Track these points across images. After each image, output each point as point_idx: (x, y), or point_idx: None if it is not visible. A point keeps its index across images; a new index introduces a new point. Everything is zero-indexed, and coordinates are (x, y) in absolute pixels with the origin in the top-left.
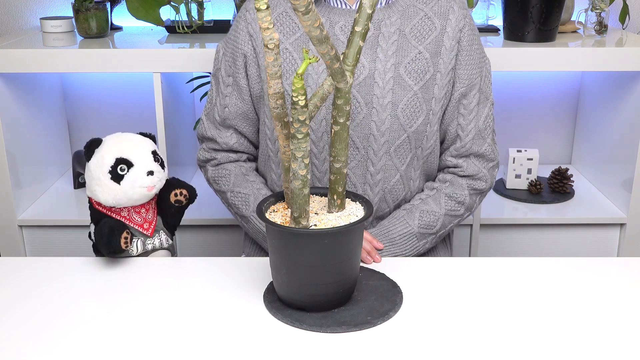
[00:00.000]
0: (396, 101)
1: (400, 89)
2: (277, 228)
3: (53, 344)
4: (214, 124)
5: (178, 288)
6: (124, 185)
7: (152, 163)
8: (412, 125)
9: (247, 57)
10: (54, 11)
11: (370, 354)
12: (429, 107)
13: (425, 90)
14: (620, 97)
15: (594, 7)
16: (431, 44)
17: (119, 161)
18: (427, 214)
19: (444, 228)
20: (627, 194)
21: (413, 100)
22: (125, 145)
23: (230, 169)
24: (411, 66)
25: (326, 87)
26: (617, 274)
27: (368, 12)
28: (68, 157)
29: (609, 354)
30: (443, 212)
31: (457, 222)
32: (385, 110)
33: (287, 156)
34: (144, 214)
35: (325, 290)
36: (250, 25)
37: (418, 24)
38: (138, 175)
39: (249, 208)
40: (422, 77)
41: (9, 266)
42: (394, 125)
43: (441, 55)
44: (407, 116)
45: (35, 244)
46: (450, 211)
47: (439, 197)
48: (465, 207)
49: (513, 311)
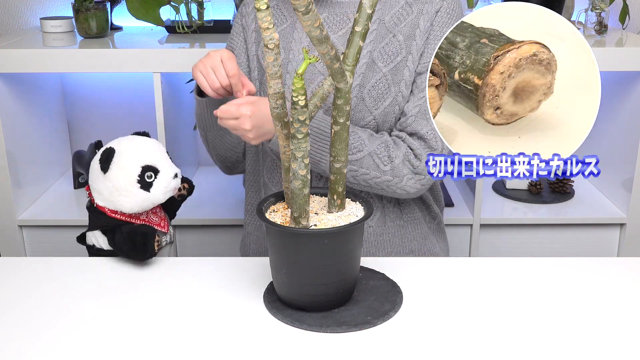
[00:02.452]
0: (364, 83)
1: (369, 72)
2: (277, 228)
3: (53, 344)
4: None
5: (178, 288)
6: (154, 192)
7: (173, 166)
8: (379, 107)
9: (239, 49)
10: (54, 11)
11: (370, 354)
12: (397, 90)
13: (395, 72)
14: (620, 97)
15: (594, 7)
16: (406, 26)
17: (145, 169)
18: (356, 138)
19: (362, 167)
20: (627, 194)
21: (381, 81)
22: (145, 150)
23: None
24: (384, 49)
25: (326, 87)
26: (617, 274)
27: (368, 12)
28: (68, 157)
29: (609, 353)
30: (371, 150)
31: (377, 180)
32: (352, 91)
33: (287, 156)
34: (159, 212)
35: (325, 290)
36: (243, 18)
37: (398, 12)
38: (167, 180)
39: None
40: (392, 59)
41: (9, 266)
42: (358, 106)
43: (415, 38)
44: (373, 97)
45: (35, 244)
46: (377, 155)
47: (377, 138)
48: (391, 166)
49: (513, 311)
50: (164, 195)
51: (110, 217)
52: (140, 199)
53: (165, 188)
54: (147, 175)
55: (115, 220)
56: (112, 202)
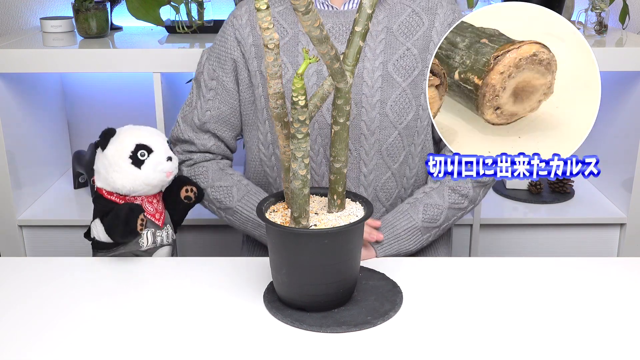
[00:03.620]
0: (384, 99)
1: (388, 87)
2: (277, 228)
3: (53, 344)
4: (191, 127)
5: (178, 288)
6: (145, 169)
7: (169, 150)
8: (402, 121)
9: (237, 62)
10: (54, 11)
11: (370, 354)
12: (418, 103)
13: (414, 86)
14: (620, 97)
15: (594, 7)
16: (419, 39)
17: (139, 147)
18: (431, 208)
19: (447, 221)
20: (627, 194)
21: (402, 96)
22: (143, 132)
23: (207, 165)
24: (399, 63)
25: (326, 87)
26: (617, 274)
27: (368, 12)
28: (68, 157)
29: (609, 353)
30: (447, 206)
31: (461, 215)
32: (375, 108)
33: (287, 156)
34: (156, 204)
35: (325, 290)
36: (237, 31)
37: (406, 20)
38: (159, 160)
39: (232, 199)
40: (410, 73)
41: (9, 266)
42: (383, 123)
43: (430, 51)
44: (396, 113)
45: (35, 244)
46: (454, 204)
47: (443, 190)
48: (469, 200)
49: (513, 311)
50: (154, 174)
51: (108, 200)
52: (131, 176)
53: (156, 166)
54: (140, 153)
55: (112, 203)
56: (107, 180)
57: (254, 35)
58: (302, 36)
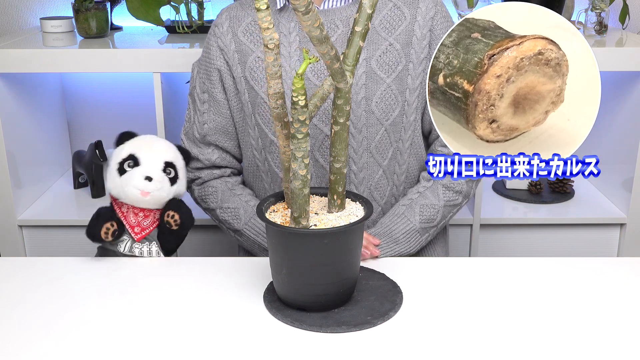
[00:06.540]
0: (369, 96)
1: (372, 83)
2: (277, 228)
3: (53, 344)
4: (194, 142)
5: (178, 288)
6: (122, 179)
7: (157, 171)
8: (389, 118)
9: (221, 71)
10: (54, 11)
11: (370, 354)
12: (403, 98)
13: (398, 81)
14: (620, 97)
15: (594, 7)
16: (401, 34)
17: (130, 157)
18: (427, 208)
19: (444, 219)
20: (627, 194)
21: (387, 92)
22: (144, 145)
23: (216, 185)
24: (382, 59)
25: (326, 87)
26: (617, 274)
27: (368, 12)
28: (68, 157)
29: (609, 353)
30: (442, 204)
31: (456, 211)
32: (360, 106)
33: (287, 156)
34: (141, 218)
35: (325, 290)
36: (219, 39)
37: (387, 15)
38: (135, 176)
39: (240, 222)
40: (394, 69)
41: (9, 266)
42: (370, 120)
43: (412, 45)
44: (382, 109)
45: (35, 244)
46: (449, 202)
47: (436, 188)
48: (463, 196)
49: (513, 311)
50: (127, 188)
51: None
52: (112, 182)
53: (129, 180)
54: (128, 163)
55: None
56: (106, 177)
57: (236, 41)
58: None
